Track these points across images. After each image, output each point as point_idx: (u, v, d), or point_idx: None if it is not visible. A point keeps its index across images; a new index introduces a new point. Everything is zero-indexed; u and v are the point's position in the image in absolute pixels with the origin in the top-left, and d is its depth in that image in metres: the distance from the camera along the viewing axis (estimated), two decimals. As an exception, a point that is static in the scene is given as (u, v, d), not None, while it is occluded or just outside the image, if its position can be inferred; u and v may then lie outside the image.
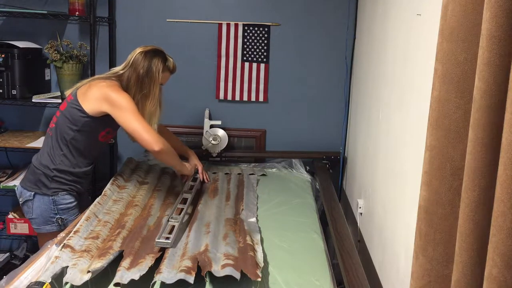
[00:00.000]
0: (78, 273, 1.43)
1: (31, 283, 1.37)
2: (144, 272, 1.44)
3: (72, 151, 2.03)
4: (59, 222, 2.05)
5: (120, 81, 2.02)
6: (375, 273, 1.87)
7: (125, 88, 2.00)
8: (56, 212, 2.04)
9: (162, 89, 2.18)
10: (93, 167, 2.19)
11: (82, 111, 1.96)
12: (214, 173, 2.60)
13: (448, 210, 0.96)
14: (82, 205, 2.15)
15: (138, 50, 2.04)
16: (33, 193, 2.03)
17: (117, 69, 2.08)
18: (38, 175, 2.03)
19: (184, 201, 2.04)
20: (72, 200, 2.08)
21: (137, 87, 2.00)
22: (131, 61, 2.03)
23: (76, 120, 1.98)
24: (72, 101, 2.00)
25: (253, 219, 1.96)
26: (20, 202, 2.08)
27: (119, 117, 1.91)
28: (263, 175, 2.66)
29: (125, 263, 1.50)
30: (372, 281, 1.82)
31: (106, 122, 2.00)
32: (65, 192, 2.05)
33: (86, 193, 2.33)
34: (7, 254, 3.03)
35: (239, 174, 2.59)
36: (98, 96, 1.93)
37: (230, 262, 1.51)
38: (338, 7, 2.83)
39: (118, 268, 1.47)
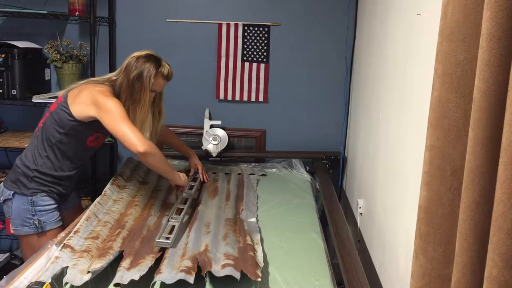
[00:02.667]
0: (78, 274, 1.43)
1: (31, 283, 1.37)
2: (144, 272, 1.44)
3: (57, 154, 1.97)
4: (36, 224, 1.96)
5: (113, 86, 1.97)
6: (375, 273, 1.87)
7: (117, 94, 1.96)
8: (34, 213, 1.96)
9: (163, 96, 2.14)
10: (80, 171, 2.11)
11: (70, 114, 1.90)
12: (214, 173, 2.60)
13: (448, 210, 0.96)
14: (68, 207, 2.14)
15: (133, 54, 2.00)
16: (12, 192, 1.96)
17: (112, 74, 2.04)
18: (18, 174, 1.98)
19: (184, 201, 2.04)
20: (52, 202, 2.00)
21: (127, 92, 1.95)
22: (124, 66, 1.98)
23: (64, 123, 1.92)
24: (61, 102, 1.94)
25: (253, 219, 1.96)
26: (1, 201, 2.02)
27: (105, 120, 1.84)
28: (263, 175, 2.66)
29: (125, 263, 1.50)
30: (372, 281, 1.82)
31: (95, 127, 1.94)
32: (44, 194, 1.98)
33: (73, 193, 2.23)
34: (7, 254, 3.03)
35: (239, 174, 2.59)
36: (87, 100, 1.87)
37: (230, 262, 1.51)
38: (338, 7, 2.83)
39: (118, 269, 1.47)
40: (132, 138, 1.81)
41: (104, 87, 1.94)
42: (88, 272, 1.42)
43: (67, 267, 1.46)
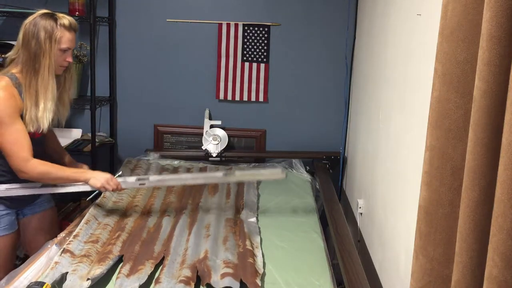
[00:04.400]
0: (78, 280, 1.42)
1: (31, 283, 1.37)
2: (143, 280, 1.44)
3: None
4: None
5: (17, 68, 1.74)
6: (375, 273, 1.87)
7: (22, 74, 1.73)
8: None
9: (72, 56, 1.85)
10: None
11: None
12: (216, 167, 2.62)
13: (448, 210, 0.96)
14: (34, 211, 1.95)
15: (24, 22, 1.74)
16: None
17: (10, 54, 1.78)
18: None
19: None
20: (8, 210, 1.81)
21: (30, 65, 1.71)
22: (21, 39, 1.73)
23: None
24: None
25: (253, 219, 1.96)
26: None
27: None
28: (263, 175, 2.66)
29: (124, 269, 1.49)
30: (372, 281, 1.82)
31: None
32: None
33: (43, 197, 2.00)
34: (7, 254, 3.02)
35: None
36: None
37: (230, 271, 1.51)
38: (338, 7, 2.83)
39: (118, 275, 1.47)
40: (12, 161, 1.68)
41: None
42: (88, 279, 1.41)
43: (66, 272, 1.46)
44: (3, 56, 2.59)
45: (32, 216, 1.96)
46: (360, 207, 2.24)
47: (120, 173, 2.01)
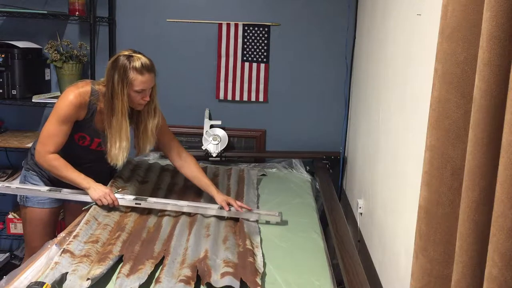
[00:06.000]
0: (78, 280, 1.42)
1: (31, 283, 1.37)
2: (143, 280, 1.44)
3: None
4: (21, 196, 2.03)
5: (103, 89, 1.92)
6: (375, 273, 1.87)
7: (103, 107, 1.90)
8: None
9: (155, 92, 1.97)
10: (80, 169, 1.96)
11: None
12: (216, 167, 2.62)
13: (448, 210, 0.96)
14: (74, 201, 2.05)
15: (108, 62, 1.89)
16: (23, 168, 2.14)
17: (102, 81, 1.94)
18: (29, 151, 2.12)
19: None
20: (40, 183, 2.06)
21: (108, 104, 1.86)
22: (105, 78, 1.90)
23: None
24: None
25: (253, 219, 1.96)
26: None
27: None
28: (263, 175, 2.66)
29: (124, 269, 1.49)
30: (372, 281, 1.82)
31: (76, 126, 1.92)
32: (35, 173, 2.06)
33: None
34: (7, 254, 3.03)
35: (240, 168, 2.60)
36: None
37: (230, 270, 1.50)
38: (338, 7, 2.83)
39: (118, 275, 1.46)
40: (38, 145, 1.89)
41: (80, 86, 1.90)
42: (88, 279, 1.41)
43: (66, 272, 1.46)
44: (3, 56, 2.59)
45: (75, 205, 2.09)
46: (360, 207, 2.24)
47: (120, 189, 2.09)
